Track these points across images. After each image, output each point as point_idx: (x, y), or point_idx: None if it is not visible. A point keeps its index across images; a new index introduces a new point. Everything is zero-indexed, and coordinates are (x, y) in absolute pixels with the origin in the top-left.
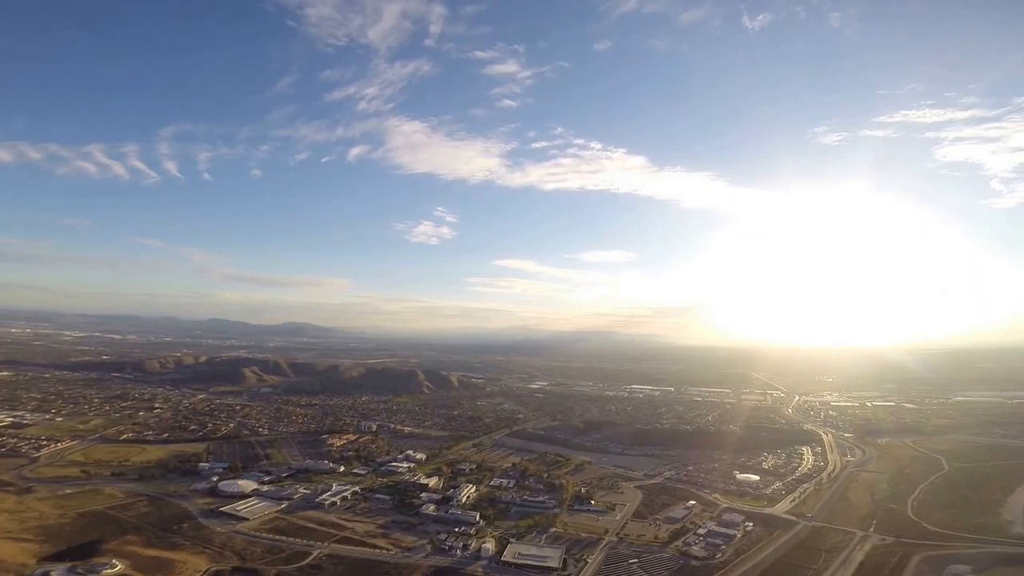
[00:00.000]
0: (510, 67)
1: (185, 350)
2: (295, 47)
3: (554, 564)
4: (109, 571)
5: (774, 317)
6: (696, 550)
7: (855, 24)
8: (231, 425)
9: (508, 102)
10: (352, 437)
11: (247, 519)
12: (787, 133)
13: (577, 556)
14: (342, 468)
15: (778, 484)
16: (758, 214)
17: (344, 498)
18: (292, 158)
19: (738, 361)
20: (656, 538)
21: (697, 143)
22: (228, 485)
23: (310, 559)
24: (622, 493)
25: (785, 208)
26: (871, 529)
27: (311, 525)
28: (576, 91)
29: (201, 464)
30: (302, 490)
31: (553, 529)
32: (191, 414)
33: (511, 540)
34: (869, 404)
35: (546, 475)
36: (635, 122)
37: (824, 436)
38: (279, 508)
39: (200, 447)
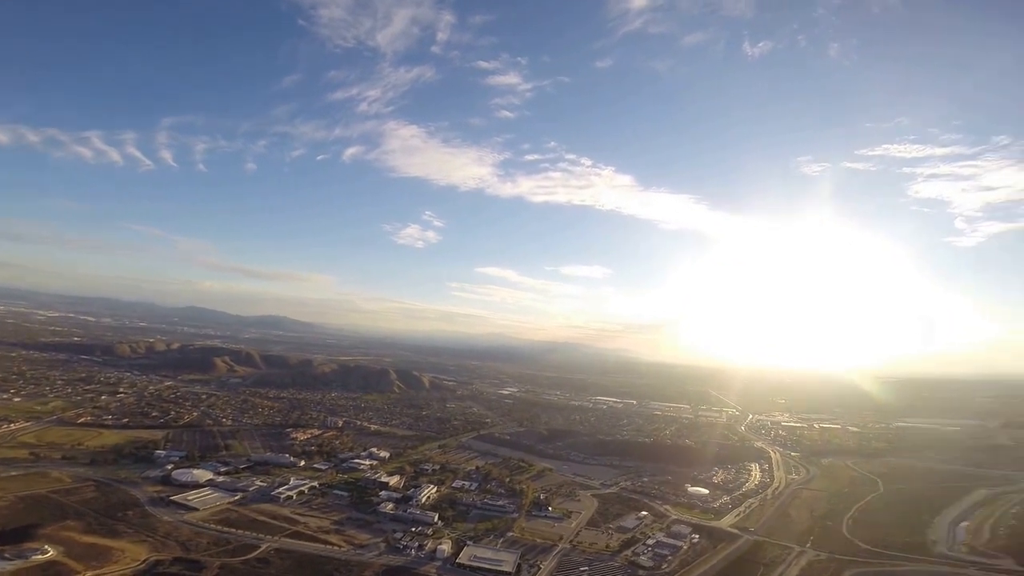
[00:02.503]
0: (511, 79)
1: (158, 336)
2: (304, 46)
3: (508, 569)
4: (39, 557)
5: (740, 338)
6: (644, 560)
7: (853, 56)
8: (195, 414)
9: (506, 113)
10: (316, 432)
11: (197, 509)
12: (772, 161)
13: (531, 561)
14: (303, 462)
15: (726, 498)
16: (734, 238)
17: (301, 492)
18: (288, 154)
19: (699, 379)
20: (607, 547)
21: (684, 166)
22: (182, 474)
23: (258, 552)
24: (579, 501)
25: (760, 233)
26: (808, 545)
27: (263, 518)
28: (573, 106)
29: (157, 452)
30: (258, 483)
31: (510, 533)
32: (155, 400)
33: (468, 542)
34: (816, 426)
35: (508, 480)
36: (627, 141)
37: (772, 454)
38: (232, 500)
39: (159, 434)
